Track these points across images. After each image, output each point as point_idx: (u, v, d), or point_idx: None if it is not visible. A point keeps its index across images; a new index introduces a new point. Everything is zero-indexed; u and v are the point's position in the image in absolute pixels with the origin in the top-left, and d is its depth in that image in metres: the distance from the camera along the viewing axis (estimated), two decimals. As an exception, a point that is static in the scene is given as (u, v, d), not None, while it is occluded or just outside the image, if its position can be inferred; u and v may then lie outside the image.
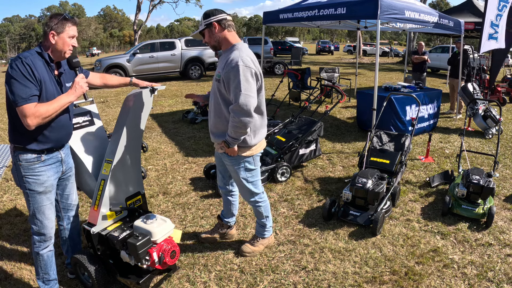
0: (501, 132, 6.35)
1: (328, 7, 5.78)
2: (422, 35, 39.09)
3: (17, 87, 1.96)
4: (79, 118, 2.59)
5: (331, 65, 19.98)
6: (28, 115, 1.96)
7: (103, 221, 2.48)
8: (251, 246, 3.00)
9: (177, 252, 2.47)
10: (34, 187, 2.19)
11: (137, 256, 2.29)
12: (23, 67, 1.98)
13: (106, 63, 13.25)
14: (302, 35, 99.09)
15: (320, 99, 8.68)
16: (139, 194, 2.70)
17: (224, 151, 2.59)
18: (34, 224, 2.28)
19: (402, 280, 2.68)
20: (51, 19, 2.09)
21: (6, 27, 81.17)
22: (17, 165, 2.17)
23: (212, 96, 2.60)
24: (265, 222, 2.96)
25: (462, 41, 7.53)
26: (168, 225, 2.47)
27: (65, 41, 2.11)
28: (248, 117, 2.35)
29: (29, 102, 1.97)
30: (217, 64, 2.61)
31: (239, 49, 2.42)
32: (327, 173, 4.76)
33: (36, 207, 2.24)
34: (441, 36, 16.63)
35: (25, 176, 2.17)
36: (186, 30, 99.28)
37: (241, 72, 2.30)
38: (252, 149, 2.61)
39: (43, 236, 2.32)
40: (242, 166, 2.65)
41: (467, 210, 3.53)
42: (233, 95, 2.34)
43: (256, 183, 2.77)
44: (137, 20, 28.38)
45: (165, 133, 6.74)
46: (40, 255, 2.36)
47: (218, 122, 2.56)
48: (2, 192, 4.30)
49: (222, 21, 2.44)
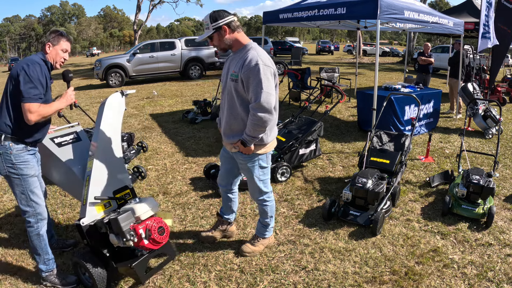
0: (501, 132, 6.35)
1: (328, 7, 5.78)
2: (422, 35, 39.09)
3: (30, 86, 2.31)
4: (67, 137, 2.98)
5: (331, 65, 19.97)
6: (32, 112, 2.31)
7: (92, 214, 2.55)
8: (251, 246, 3.00)
9: (166, 229, 2.49)
10: (27, 171, 2.47)
11: (121, 231, 2.34)
12: (40, 73, 2.37)
13: (106, 63, 13.25)
14: (302, 35, 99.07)
15: (320, 99, 8.68)
16: (127, 188, 2.77)
17: (239, 150, 2.59)
18: (29, 206, 2.51)
19: (402, 280, 2.68)
20: (50, 33, 2.53)
21: (6, 27, 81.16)
22: (6, 154, 2.40)
23: (226, 97, 2.59)
24: (268, 222, 2.96)
25: (462, 41, 7.53)
26: (150, 202, 2.56)
27: (58, 53, 2.52)
28: (269, 115, 2.40)
29: (36, 101, 2.33)
30: (228, 64, 2.61)
31: (254, 49, 2.45)
32: (327, 173, 4.76)
33: (30, 190, 2.49)
34: (441, 36, 16.64)
35: (16, 164, 2.43)
36: (186, 30, 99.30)
37: (261, 71, 2.34)
38: (266, 147, 2.65)
39: (40, 216, 2.55)
40: (257, 164, 2.67)
41: (467, 210, 3.53)
42: (254, 93, 2.36)
43: (266, 181, 2.80)
44: (137, 20, 28.36)
45: (165, 133, 6.74)
46: (41, 235, 2.57)
47: (233, 123, 2.57)
48: (2, 192, 4.30)
49: (232, 24, 2.45)
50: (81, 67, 26.26)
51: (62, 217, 3.67)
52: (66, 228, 3.44)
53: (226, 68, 2.60)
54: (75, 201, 4.00)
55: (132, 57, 13.45)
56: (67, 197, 4.10)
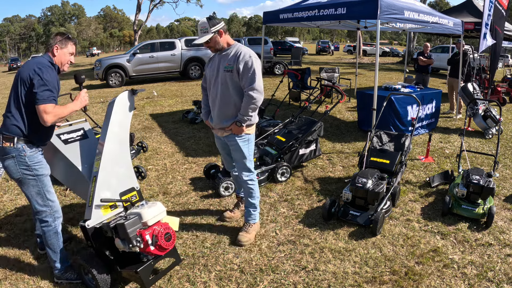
0: (501, 132, 6.35)
1: (328, 7, 5.77)
2: (422, 35, 39.09)
3: (45, 89, 2.35)
4: (74, 134, 2.92)
5: (331, 65, 19.97)
6: (48, 112, 2.34)
7: (97, 216, 2.52)
8: (246, 234, 3.17)
9: (173, 235, 2.48)
10: (42, 171, 2.52)
11: (127, 236, 2.31)
12: (54, 76, 2.44)
13: (106, 63, 13.25)
14: (302, 35, 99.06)
15: (320, 99, 8.68)
16: (134, 190, 2.74)
17: (232, 132, 2.98)
18: (46, 206, 2.55)
19: (402, 280, 2.68)
20: (57, 36, 2.58)
21: (6, 27, 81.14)
22: (20, 157, 2.42)
23: (218, 88, 2.95)
24: (256, 204, 3.21)
25: (462, 41, 7.53)
26: (158, 207, 2.53)
27: (65, 56, 2.57)
28: (261, 95, 2.88)
29: (51, 102, 2.36)
30: (218, 61, 2.97)
31: (242, 46, 2.93)
32: (327, 173, 4.76)
33: (46, 189, 2.54)
34: (441, 36, 16.63)
35: (31, 165, 2.46)
36: (186, 30, 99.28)
37: (254, 62, 2.84)
38: (253, 127, 3.09)
39: (56, 214, 2.61)
40: (247, 144, 3.05)
41: (467, 210, 3.53)
42: (249, 80, 2.83)
43: (252, 161, 3.16)
44: (137, 20, 28.37)
45: (165, 133, 6.74)
46: (58, 233, 2.62)
47: (226, 109, 2.97)
48: (2, 192, 4.30)
49: (224, 28, 2.90)
50: (81, 67, 26.26)
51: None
52: (65, 229, 3.44)
53: (216, 64, 2.97)
54: (75, 202, 4.00)
55: (132, 57, 13.45)
56: (67, 197, 4.10)
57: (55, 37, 2.56)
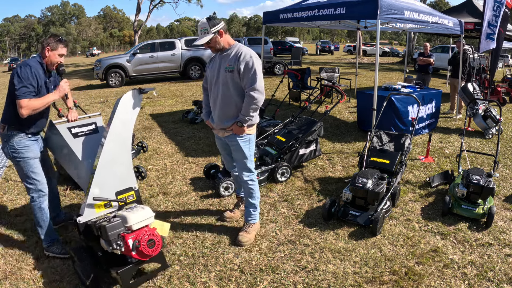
0: (501, 132, 6.35)
1: (328, 7, 5.78)
2: (422, 35, 39.08)
3: (21, 86, 2.63)
4: (85, 128, 2.95)
5: (331, 65, 19.97)
6: (23, 106, 2.63)
7: (90, 212, 2.53)
8: (246, 234, 3.17)
9: (157, 243, 2.46)
10: (27, 154, 2.85)
11: (108, 239, 2.33)
12: (30, 73, 2.67)
13: (106, 63, 13.24)
14: (302, 35, 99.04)
15: (320, 99, 8.67)
16: (132, 190, 2.74)
17: (233, 132, 2.97)
18: (31, 184, 2.87)
19: (402, 280, 2.68)
20: (50, 38, 2.84)
21: (6, 27, 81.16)
22: (11, 141, 2.81)
23: (219, 88, 2.94)
24: (256, 204, 3.20)
25: (462, 41, 7.53)
26: (146, 212, 2.50)
27: (55, 57, 2.83)
28: (262, 95, 2.87)
29: (25, 97, 2.64)
30: (219, 62, 2.95)
31: (243, 47, 2.91)
32: (327, 173, 4.76)
33: (31, 170, 2.86)
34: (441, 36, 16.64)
35: (18, 148, 2.82)
36: (186, 30, 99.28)
37: (255, 62, 2.83)
38: (254, 127, 3.08)
39: (41, 192, 2.90)
40: (248, 144, 3.05)
41: (467, 210, 3.52)
42: (250, 80, 2.82)
43: (252, 162, 3.16)
44: (137, 20, 28.36)
45: (165, 133, 6.74)
46: (43, 208, 2.90)
47: (228, 110, 2.96)
48: (2, 192, 4.30)
49: (224, 27, 2.88)
50: (81, 67, 26.26)
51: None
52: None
53: (217, 65, 2.96)
54: (75, 202, 4.00)
55: (132, 57, 13.44)
56: (67, 198, 4.10)
57: (48, 39, 2.83)
